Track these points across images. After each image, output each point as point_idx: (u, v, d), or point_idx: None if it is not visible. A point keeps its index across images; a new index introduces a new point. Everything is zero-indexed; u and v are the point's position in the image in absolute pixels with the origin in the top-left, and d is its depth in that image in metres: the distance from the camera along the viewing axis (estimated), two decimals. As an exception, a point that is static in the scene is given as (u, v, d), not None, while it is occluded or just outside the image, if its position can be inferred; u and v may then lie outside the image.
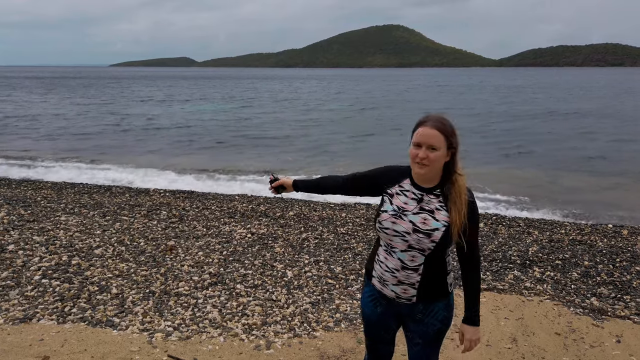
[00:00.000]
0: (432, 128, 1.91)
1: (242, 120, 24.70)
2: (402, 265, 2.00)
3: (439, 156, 1.92)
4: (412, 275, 2.00)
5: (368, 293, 2.21)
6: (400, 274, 2.01)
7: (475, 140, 17.84)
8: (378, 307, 2.17)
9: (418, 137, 1.93)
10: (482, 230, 6.87)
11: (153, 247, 5.71)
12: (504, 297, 4.60)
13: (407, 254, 1.98)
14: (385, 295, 2.11)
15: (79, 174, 11.59)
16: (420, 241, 1.95)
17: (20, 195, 8.36)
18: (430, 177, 1.99)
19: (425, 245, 1.95)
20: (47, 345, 3.51)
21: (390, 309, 2.14)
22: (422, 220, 1.96)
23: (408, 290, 2.03)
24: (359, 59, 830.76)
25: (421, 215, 1.97)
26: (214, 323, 3.95)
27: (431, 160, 1.91)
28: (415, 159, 1.94)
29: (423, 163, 1.92)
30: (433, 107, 33.37)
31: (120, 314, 4.05)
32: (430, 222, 1.95)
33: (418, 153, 1.92)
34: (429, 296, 2.05)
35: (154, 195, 8.84)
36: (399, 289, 2.05)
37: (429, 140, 1.90)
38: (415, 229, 1.95)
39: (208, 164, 13.02)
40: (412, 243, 1.96)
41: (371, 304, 2.19)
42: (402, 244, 1.99)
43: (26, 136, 18.31)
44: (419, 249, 1.96)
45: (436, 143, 1.90)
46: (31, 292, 4.41)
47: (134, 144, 16.82)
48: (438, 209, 1.97)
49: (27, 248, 5.52)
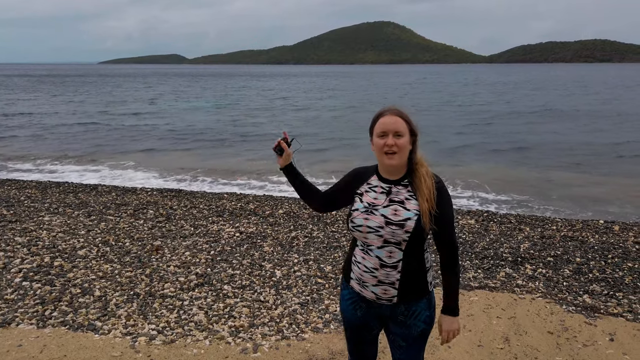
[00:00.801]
0: (393, 115, 1.95)
1: (235, 119, 24.47)
2: (380, 263, 1.96)
3: (405, 142, 1.94)
4: (392, 274, 1.95)
5: (347, 296, 2.15)
6: (380, 273, 1.96)
7: (471, 137, 17.85)
8: (358, 311, 2.11)
9: (382, 127, 1.94)
10: (474, 227, 6.82)
11: (139, 248, 5.58)
12: (496, 295, 4.54)
13: (383, 250, 1.94)
14: (364, 298, 2.06)
15: (65, 173, 11.40)
16: (395, 233, 1.91)
17: (4, 195, 8.17)
18: (398, 168, 1.99)
19: (400, 237, 1.91)
20: (25, 351, 3.38)
21: (371, 311, 2.08)
22: (392, 212, 1.93)
23: (388, 291, 1.98)
24: (350, 55, 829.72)
25: (391, 207, 1.94)
26: (199, 326, 3.84)
27: (400, 146, 1.92)
28: (383, 148, 1.94)
29: (393, 151, 1.92)
30: (434, 104, 33.12)
31: (103, 317, 3.93)
32: (401, 212, 1.92)
33: (386, 141, 1.93)
34: (409, 295, 1.99)
35: (141, 194, 8.68)
36: (378, 290, 1.99)
37: (394, 127, 1.92)
38: (388, 221, 1.92)
39: (199, 163, 12.87)
40: (387, 237, 1.92)
41: (351, 307, 2.13)
42: (377, 240, 1.94)
43: (15, 135, 18.00)
44: (395, 243, 1.93)
45: (401, 129, 1.93)
46: (11, 295, 4.27)
47: (124, 143, 16.61)
48: (408, 198, 1.95)
49: (8, 249, 5.37)
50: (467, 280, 4.89)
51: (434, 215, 1.92)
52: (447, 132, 19.22)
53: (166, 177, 11.26)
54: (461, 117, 24.83)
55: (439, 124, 21.65)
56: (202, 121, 23.50)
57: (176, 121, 23.23)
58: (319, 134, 18.99)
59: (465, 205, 8.72)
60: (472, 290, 4.63)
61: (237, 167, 12.28)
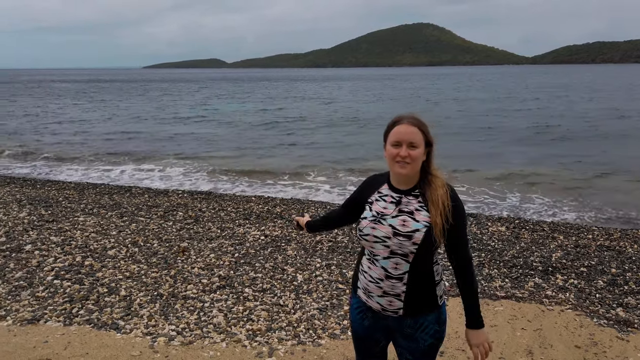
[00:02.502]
0: (409, 125, 1.87)
1: (280, 121, 24.41)
2: (385, 274, 1.90)
3: (419, 153, 1.87)
4: (397, 285, 1.90)
5: (355, 305, 2.11)
6: (385, 284, 1.91)
7: (520, 141, 17.14)
8: (365, 320, 2.07)
9: (397, 136, 1.87)
10: (504, 234, 6.61)
11: (166, 249, 5.71)
12: (523, 306, 4.38)
13: (389, 261, 1.89)
14: (370, 308, 2.01)
15: (105, 174, 11.80)
16: (402, 245, 1.85)
17: (44, 196, 8.54)
18: (410, 178, 1.93)
19: (407, 249, 1.85)
20: (50, 348, 3.50)
21: (378, 322, 2.03)
22: (401, 223, 1.87)
23: (394, 302, 1.92)
24: (387, 57, 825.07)
25: (400, 218, 1.88)
26: (218, 328, 3.88)
27: (413, 157, 1.85)
28: (395, 158, 1.87)
29: (405, 161, 1.86)
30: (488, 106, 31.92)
31: (126, 317, 4.03)
32: (409, 223, 1.86)
33: (399, 152, 1.86)
34: (416, 309, 1.92)
35: (172, 196, 8.88)
36: (384, 301, 1.94)
37: (408, 137, 1.85)
38: (396, 232, 1.86)
39: (234, 165, 12.97)
40: (393, 248, 1.87)
41: (358, 317, 2.09)
42: (383, 250, 1.89)
43: (68, 138, 18.70)
44: (401, 255, 1.87)
45: (416, 140, 1.86)
46: (42, 292, 4.45)
47: (166, 146, 16.80)
48: (418, 209, 1.88)
49: (44, 248, 5.59)
50: (493, 289, 4.75)
51: (447, 229, 1.84)
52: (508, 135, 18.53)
53: (199, 179, 11.48)
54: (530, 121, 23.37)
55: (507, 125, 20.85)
56: (243, 124, 23.63)
57: (221, 124, 23.40)
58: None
59: (496, 210, 8.48)
60: (497, 300, 4.49)
61: (269, 170, 12.35)
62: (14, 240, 5.82)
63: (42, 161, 13.75)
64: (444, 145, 15.96)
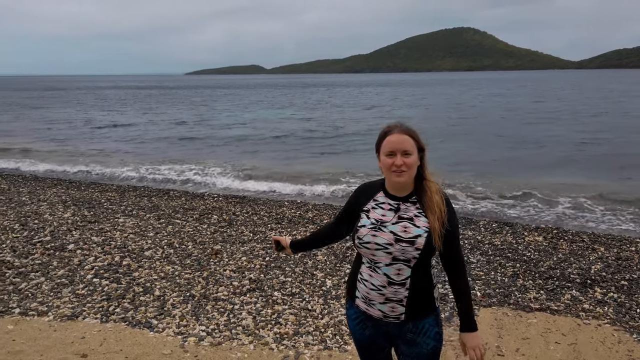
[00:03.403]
0: (401, 134, 1.92)
1: (319, 127, 24.16)
2: (388, 281, 1.93)
3: (414, 160, 1.92)
4: (400, 291, 1.93)
5: (353, 316, 2.12)
6: (387, 290, 1.94)
7: (570, 150, 16.39)
8: (366, 330, 2.09)
9: (390, 145, 1.92)
10: (541, 244, 6.42)
11: (200, 251, 5.85)
12: (558, 319, 4.24)
13: (392, 267, 1.92)
14: (371, 316, 2.03)
15: (145, 176, 12.19)
16: (405, 250, 1.89)
17: (87, 197, 8.91)
18: (406, 185, 1.97)
19: (410, 255, 1.89)
20: (87, 343, 3.66)
21: (379, 329, 2.05)
22: (402, 229, 1.91)
23: (396, 308, 1.95)
24: (427, 62, 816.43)
25: (401, 224, 1.92)
26: (246, 330, 3.95)
27: (409, 165, 1.91)
28: (391, 167, 1.92)
29: (401, 170, 1.90)
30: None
31: (159, 316, 4.16)
32: (411, 229, 1.90)
33: (394, 161, 1.91)
34: (417, 313, 1.96)
35: (208, 200, 9.09)
36: (386, 308, 1.96)
37: (401, 146, 1.90)
38: (398, 238, 1.90)
39: (271, 170, 13.06)
40: (396, 254, 1.90)
41: (358, 327, 2.11)
42: (385, 257, 1.92)
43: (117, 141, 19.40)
44: (404, 260, 1.90)
45: (409, 147, 1.91)
46: (82, 290, 4.65)
47: (207, 150, 17.06)
48: (417, 215, 1.93)
49: (85, 248, 5.84)
50: (527, 301, 4.62)
51: (444, 234, 1.90)
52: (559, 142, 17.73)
53: (234, 182, 11.67)
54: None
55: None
56: (282, 129, 23.64)
57: (261, 130, 23.41)
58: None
59: (533, 220, 8.23)
60: (531, 312, 4.38)
61: (305, 175, 12.38)
62: (58, 240, 6.11)
63: (88, 164, 14.35)
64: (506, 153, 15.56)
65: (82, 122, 27.14)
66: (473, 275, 5.27)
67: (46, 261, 5.37)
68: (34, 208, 7.82)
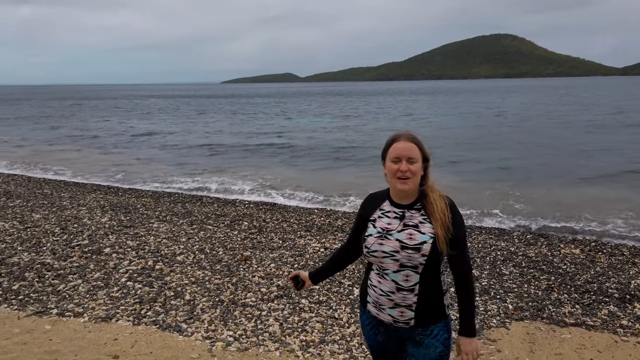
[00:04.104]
0: (407, 141, 1.97)
1: (352, 138, 23.54)
2: (397, 287, 1.97)
3: (418, 168, 1.96)
4: (409, 297, 1.96)
5: (366, 321, 2.16)
6: (396, 296, 1.97)
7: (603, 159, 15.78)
8: (378, 336, 2.13)
9: (396, 152, 1.97)
10: (578, 257, 6.21)
11: (230, 257, 5.94)
12: (594, 335, 4.09)
13: (400, 274, 1.95)
14: (382, 321, 2.06)
15: (181, 183, 12.48)
16: (411, 257, 1.92)
17: (124, 203, 9.20)
18: (410, 193, 2.01)
19: (416, 261, 1.92)
20: (119, 345, 3.77)
21: (390, 334, 2.08)
22: (408, 236, 1.94)
23: (405, 313, 1.98)
24: (462, 70, 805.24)
25: (406, 232, 1.96)
26: (273, 337, 3.98)
27: (413, 172, 1.95)
28: (396, 174, 1.96)
29: (406, 176, 1.95)
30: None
31: (189, 320, 4.25)
32: (416, 236, 1.94)
33: (399, 167, 1.95)
34: (427, 318, 1.99)
35: (239, 206, 9.23)
36: (395, 312, 2.00)
37: (407, 153, 1.95)
38: (403, 245, 1.94)
39: (302, 178, 13.13)
40: (403, 261, 1.94)
41: (371, 333, 2.15)
42: (393, 264, 1.96)
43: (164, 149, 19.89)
44: (411, 267, 1.94)
45: (414, 155, 1.96)
46: (116, 293, 4.80)
47: (241, 158, 17.25)
48: (422, 222, 1.97)
49: (120, 252, 6.03)
50: (561, 315, 4.48)
51: (449, 239, 1.93)
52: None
53: (265, 189, 11.80)
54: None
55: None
56: (318, 138, 23.39)
57: (296, 139, 23.13)
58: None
59: (570, 231, 7.96)
60: (565, 327, 4.24)
61: (337, 184, 12.38)
62: (95, 243, 6.32)
63: (126, 170, 14.82)
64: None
65: (122, 130, 28.09)
66: (505, 288, 5.15)
67: (83, 264, 5.57)
68: (73, 212, 8.12)
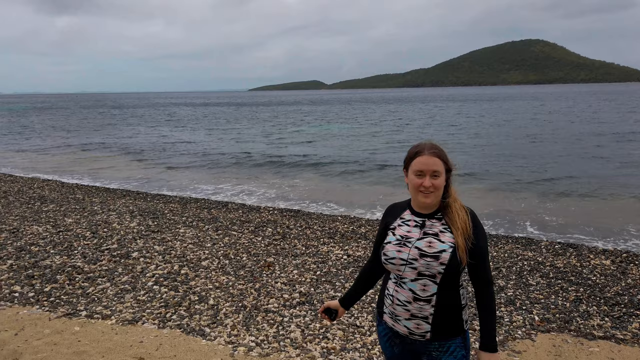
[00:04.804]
0: (431, 156, 1.95)
1: (376, 147, 23.33)
2: (413, 297, 1.94)
3: (442, 182, 1.96)
4: (425, 308, 1.93)
5: (382, 332, 2.14)
6: (413, 306, 1.95)
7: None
8: (394, 347, 2.10)
9: (419, 166, 1.95)
10: (608, 268, 6.04)
11: (253, 263, 6.01)
12: (623, 348, 3.97)
13: (417, 283, 1.93)
14: (398, 333, 2.04)
15: (207, 189, 12.70)
16: (429, 265, 1.90)
17: (152, 208, 9.41)
18: (432, 204, 2.00)
19: (435, 270, 1.89)
20: (144, 348, 3.86)
21: (406, 347, 2.06)
22: (427, 244, 1.93)
23: (421, 325, 1.95)
24: (491, 76, 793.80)
25: (426, 240, 1.95)
26: (294, 343, 4.01)
27: (437, 186, 1.94)
28: (419, 188, 1.95)
29: (430, 191, 1.94)
30: None
31: (212, 325, 4.31)
32: (436, 244, 1.92)
33: (422, 182, 1.94)
34: (443, 332, 1.95)
35: (263, 213, 9.32)
36: (411, 324, 1.97)
37: (432, 168, 1.93)
38: (422, 253, 1.92)
39: (327, 185, 13.18)
40: (421, 270, 1.92)
41: (388, 344, 2.13)
42: (411, 272, 1.94)
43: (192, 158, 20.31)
44: (429, 276, 1.91)
45: (438, 169, 1.94)
46: (143, 296, 4.91)
47: (265, 166, 17.41)
48: (442, 231, 1.95)
49: (148, 256, 6.16)
50: (590, 327, 4.36)
51: (470, 250, 1.91)
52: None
53: (289, 195, 11.90)
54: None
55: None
56: (345, 146, 23.24)
57: (323, 147, 23.10)
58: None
59: (602, 242, 7.75)
60: (593, 340, 4.13)
61: (363, 191, 12.39)
62: (124, 247, 6.49)
63: (155, 177, 15.16)
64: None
65: (153, 138, 28.74)
66: (532, 299, 5.05)
67: (112, 267, 5.72)
68: (104, 217, 8.35)
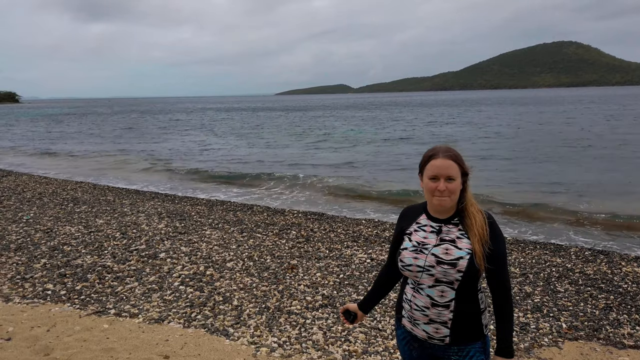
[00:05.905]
0: (446, 159, 1.90)
1: (403, 152, 22.55)
2: (431, 302, 1.93)
3: (457, 185, 1.91)
4: (444, 313, 1.91)
5: (401, 336, 2.13)
6: (431, 312, 1.93)
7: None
8: (413, 351, 2.08)
9: (434, 170, 1.91)
10: (638, 273, 5.85)
11: (277, 265, 6.06)
12: (655, 359, 3.85)
13: (435, 289, 1.91)
14: (416, 337, 2.02)
15: (233, 192, 12.87)
16: (447, 273, 1.87)
17: (179, 210, 9.60)
18: (448, 208, 1.96)
19: (452, 277, 1.87)
20: (169, 346, 3.95)
21: (424, 351, 2.04)
22: (444, 251, 1.90)
23: (440, 330, 1.93)
24: (522, 79, 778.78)
25: (442, 247, 1.91)
26: (316, 345, 4.03)
27: (451, 190, 1.90)
28: (434, 192, 1.92)
29: (444, 195, 1.90)
30: None
31: (236, 325, 4.38)
32: (453, 251, 1.89)
33: (437, 186, 1.90)
34: (462, 337, 1.93)
35: (288, 216, 9.39)
36: (430, 329, 1.95)
37: (446, 172, 1.89)
38: (439, 260, 1.89)
39: (351, 189, 13.11)
40: (438, 276, 1.89)
41: (406, 348, 2.11)
42: (428, 279, 1.92)
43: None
44: (447, 282, 1.89)
45: (453, 173, 1.90)
46: (169, 296, 5.02)
47: (299, 168, 17.46)
48: (459, 237, 1.92)
49: (174, 257, 6.30)
50: (620, 336, 4.24)
51: (487, 255, 1.87)
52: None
53: (314, 199, 11.94)
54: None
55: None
56: (381, 151, 22.65)
57: (351, 151, 22.79)
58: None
59: (634, 249, 7.51)
60: (623, 349, 4.01)
61: (387, 196, 12.31)
62: (151, 248, 6.65)
63: (182, 179, 15.45)
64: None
65: (183, 142, 29.28)
66: (559, 306, 4.94)
67: (140, 267, 5.87)
68: (133, 218, 8.57)
